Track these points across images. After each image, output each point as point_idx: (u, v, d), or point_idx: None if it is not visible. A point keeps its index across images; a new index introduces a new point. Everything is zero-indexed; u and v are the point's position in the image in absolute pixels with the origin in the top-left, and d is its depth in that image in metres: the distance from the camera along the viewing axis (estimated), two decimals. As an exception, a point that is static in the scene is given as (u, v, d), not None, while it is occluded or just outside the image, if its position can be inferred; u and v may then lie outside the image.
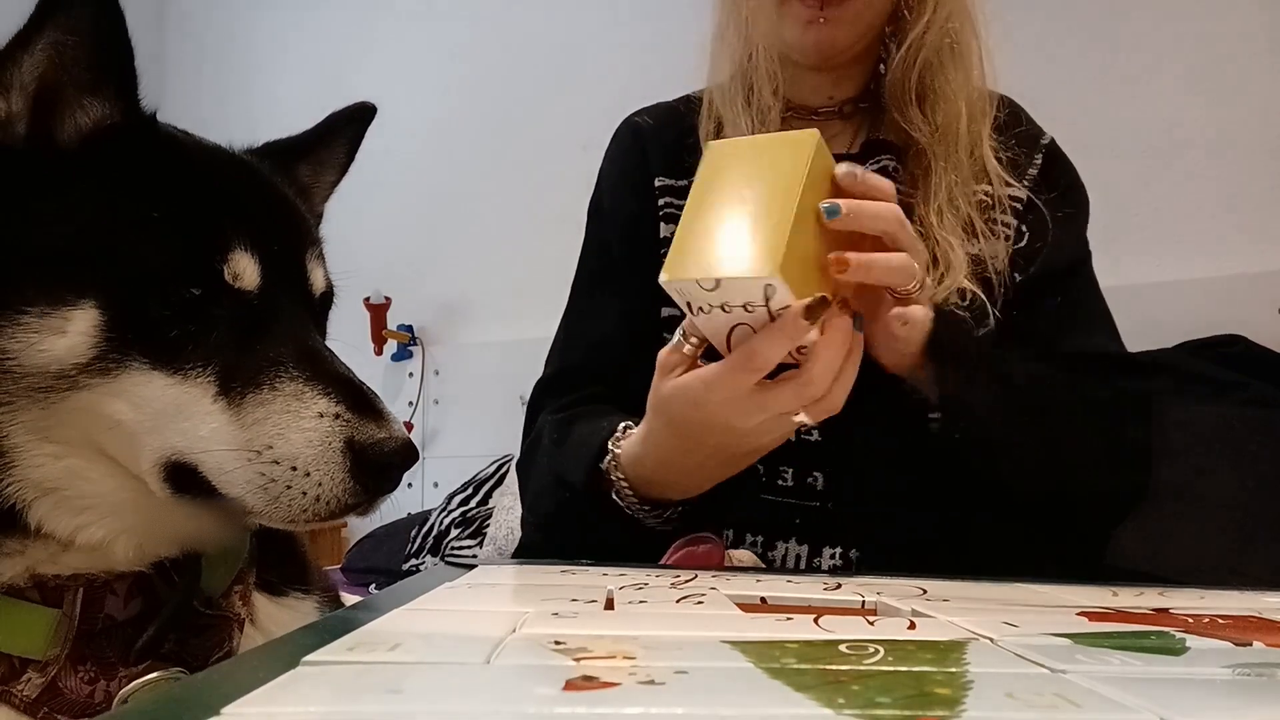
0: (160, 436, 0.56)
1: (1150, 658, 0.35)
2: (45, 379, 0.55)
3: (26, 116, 0.57)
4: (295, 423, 0.56)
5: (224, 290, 0.58)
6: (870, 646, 0.35)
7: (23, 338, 0.54)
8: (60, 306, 0.54)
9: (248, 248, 0.59)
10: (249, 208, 0.63)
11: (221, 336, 0.57)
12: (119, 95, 0.59)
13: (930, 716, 0.24)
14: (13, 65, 0.57)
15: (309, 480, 0.55)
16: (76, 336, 0.54)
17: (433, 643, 0.34)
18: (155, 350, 0.56)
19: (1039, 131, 1.00)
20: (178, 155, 0.63)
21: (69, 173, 0.58)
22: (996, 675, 0.31)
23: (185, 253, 0.57)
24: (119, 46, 0.59)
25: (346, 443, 0.56)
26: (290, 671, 0.28)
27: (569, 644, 0.33)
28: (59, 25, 0.56)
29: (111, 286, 0.55)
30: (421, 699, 0.26)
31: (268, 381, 0.57)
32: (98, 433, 0.56)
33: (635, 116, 1.09)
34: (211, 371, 0.56)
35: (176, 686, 0.27)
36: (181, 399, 0.56)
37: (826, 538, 0.90)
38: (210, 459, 0.55)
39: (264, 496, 0.55)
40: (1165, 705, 0.26)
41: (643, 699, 0.26)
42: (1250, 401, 1.62)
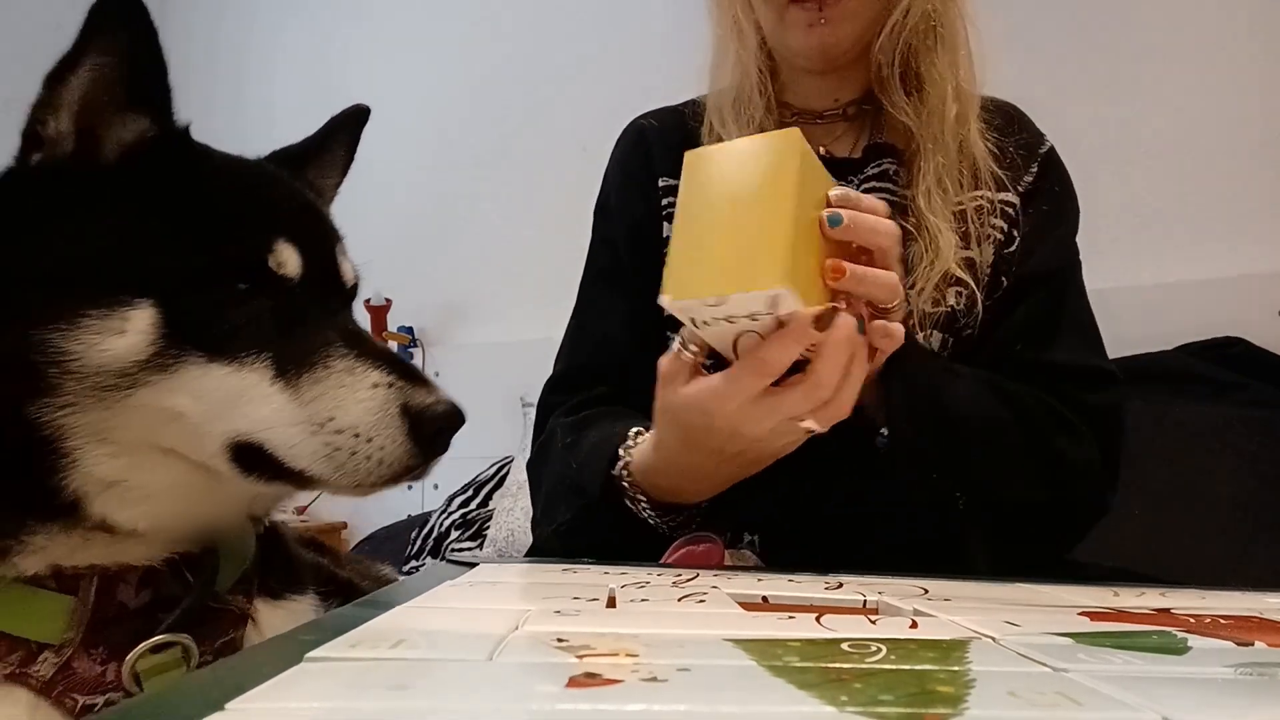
0: (224, 422, 0.59)
1: (1152, 657, 0.35)
2: (108, 378, 0.57)
3: (73, 134, 0.61)
4: (352, 394, 0.60)
5: (270, 279, 0.62)
6: (872, 645, 0.35)
7: (85, 339, 0.57)
8: (118, 308, 0.57)
9: (289, 239, 0.63)
10: (283, 206, 0.68)
11: (271, 324, 0.61)
12: (156, 110, 0.63)
13: (932, 714, 0.24)
14: (60, 86, 0.61)
15: (371, 445, 0.59)
16: (135, 335, 0.57)
17: (436, 640, 0.34)
18: (211, 342, 0.59)
19: (1039, 139, 1.00)
20: (212, 164, 0.67)
21: (115, 184, 0.61)
22: (999, 674, 0.31)
23: (232, 248, 0.61)
24: (155, 65, 0.63)
25: (402, 408, 0.60)
26: (294, 668, 0.28)
27: (572, 641, 0.33)
28: (99, 48, 0.60)
29: (165, 285, 0.58)
30: (425, 695, 0.26)
31: (320, 361, 0.61)
32: (160, 426, 0.59)
33: (641, 119, 1.10)
34: (266, 357, 0.60)
35: (181, 681, 0.27)
36: (241, 385, 0.59)
37: (825, 539, 0.90)
38: (276, 436, 0.59)
39: (331, 464, 0.59)
40: (1167, 704, 0.26)
41: (645, 696, 0.26)
42: (1250, 403, 1.62)
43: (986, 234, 0.93)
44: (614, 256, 1.05)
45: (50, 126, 0.61)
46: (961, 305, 0.91)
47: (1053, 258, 0.95)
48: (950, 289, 0.90)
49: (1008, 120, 0.99)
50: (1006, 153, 0.96)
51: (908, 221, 0.91)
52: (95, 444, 0.58)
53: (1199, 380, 1.71)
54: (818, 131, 1.02)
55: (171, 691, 0.28)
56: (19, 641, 0.57)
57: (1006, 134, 0.97)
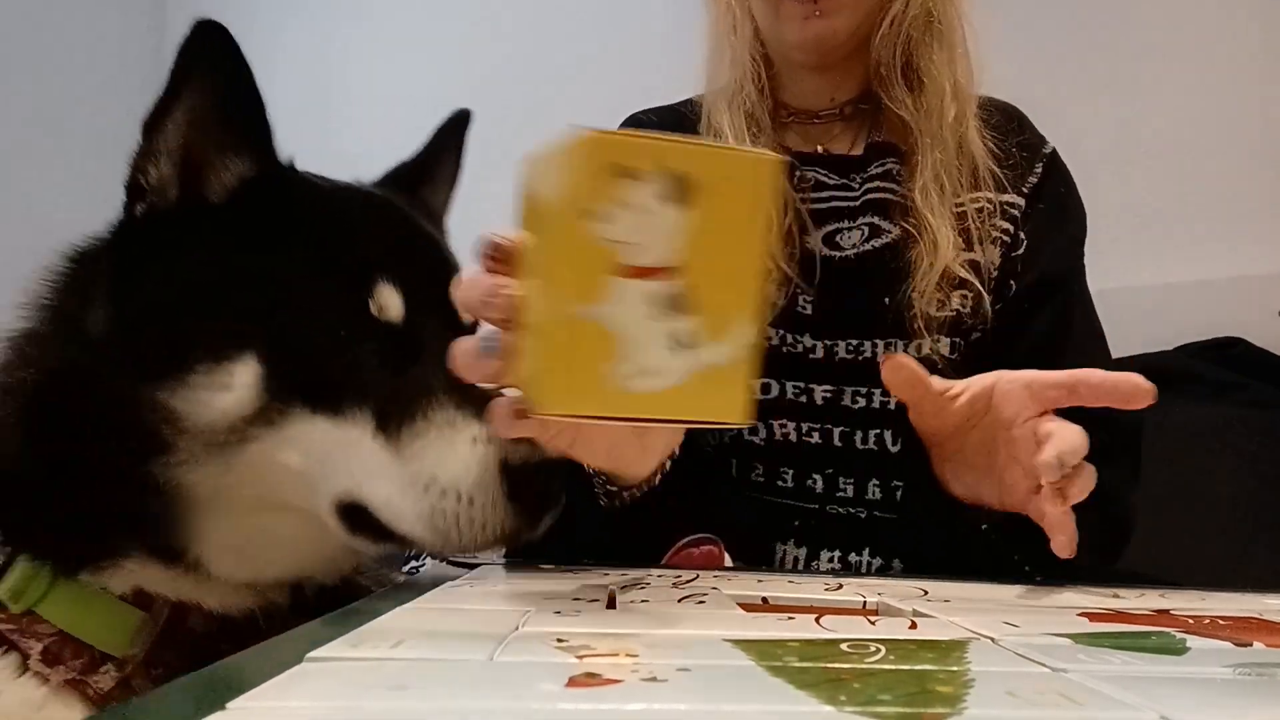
0: (331, 479, 0.57)
1: (1151, 657, 0.35)
2: (218, 434, 0.56)
3: (176, 180, 0.60)
4: (452, 451, 0.56)
5: (372, 325, 0.59)
6: (872, 645, 0.35)
7: (192, 396, 0.56)
8: (223, 362, 0.56)
9: (391, 280, 0.60)
10: (389, 242, 0.64)
11: (374, 372, 0.58)
12: (256, 149, 0.61)
13: (931, 714, 0.24)
14: (158, 133, 0.59)
15: (473, 508, 0.55)
16: (241, 390, 0.56)
17: (436, 640, 0.35)
18: (315, 394, 0.57)
19: (1041, 141, 1.00)
20: (316, 200, 0.65)
21: (218, 230, 0.60)
22: (998, 674, 0.31)
23: (332, 294, 0.59)
24: (251, 102, 0.61)
25: (500, 465, 0.55)
26: (295, 668, 0.28)
27: (571, 642, 0.33)
28: (194, 90, 0.58)
29: (267, 337, 0.57)
30: (425, 695, 0.26)
31: (421, 412, 0.57)
32: (274, 482, 0.58)
33: (639, 114, 1.09)
34: (368, 408, 0.57)
35: (182, 681, 0.28)
36: (344, 439, 0.57)
37: (825, 540, 0.90)
38: (377, 496, 0.56)
39: (433, 529, 0.55)
40: (1166, 704, 0.26)
41: (645, 696, 0.26)
42: (1250, 403, 1.62)
43: (991, 236, 0.92)
44: None
45: (152, 175, 0.60)
46: (967, 309, 0.90)
47: (1061, 263, 0.95)
48: (955, 292, 0.89)
49: (1008, 120, 0.98)
50: (1009, 153, 0.95)
51: (908, 222, 0.91)
52: (212, 502, 0.57)
53: (1199, 380, 1.71)
54: (815, 131, 1.02)
55: (173, 691, 0.28)
56: (84, 647, 0.57)
57: (1007, 134, 0.96)
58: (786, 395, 0.91)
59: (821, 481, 0.91)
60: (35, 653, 0.56)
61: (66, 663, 0.56)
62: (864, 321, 0.91)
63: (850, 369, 0.91)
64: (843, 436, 0.91)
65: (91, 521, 0.57)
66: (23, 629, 0.56)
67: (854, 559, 0.89)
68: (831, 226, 0.95)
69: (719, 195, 0.41)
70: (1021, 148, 0.96)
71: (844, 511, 0.91)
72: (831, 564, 0.89)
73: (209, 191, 0.60)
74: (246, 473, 0.57)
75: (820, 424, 0.91)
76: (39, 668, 0.56)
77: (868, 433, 0.91)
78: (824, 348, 0.91)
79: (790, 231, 0.93)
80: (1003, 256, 0.93)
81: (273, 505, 0.59)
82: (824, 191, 0.96)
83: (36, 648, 0.56)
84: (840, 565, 0.89)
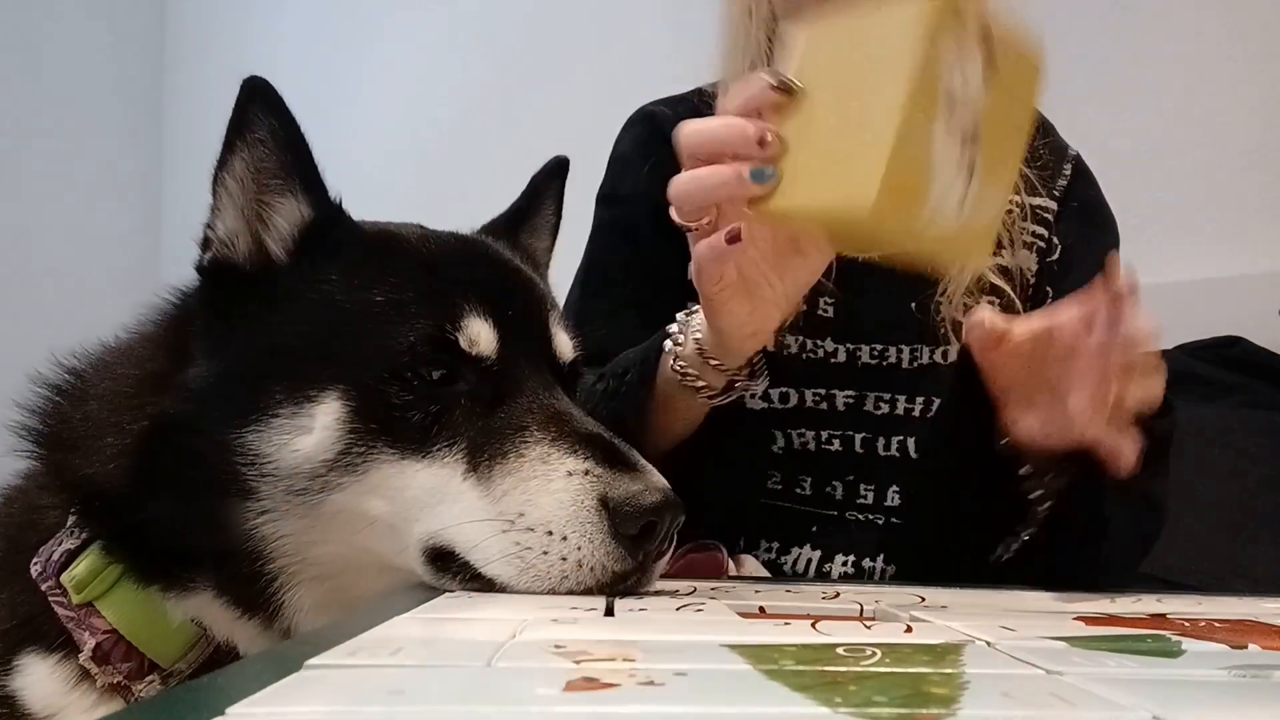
0: (420, 524, 0.56)
1: (1146, 660, 0.35)
2: (300, 480, 0.56)
3: (241, 232, 0.62)
4: (544, 486, 0.54)
5: (462, 359, 0.58)
6: (867, 649, 0.35)
7: (276, 439, 0.56)
8: (304, 403, 0.56)
9: (481, 313, 0.59)
10: (475, 277, 0.63)
11: (465, 411, 0.57)
12: (312, 193, 0.63)
13: (926, 714, 0.25)
14: (221, 188, 0.61)
15: (566, 545, 0.52)
16: (322, 431, 0.55)
17: (434, 647, 0.35)
18: (401, 436, 0.56)
19: (1065, 144, 1.00)
20: (385, 240, 0.65)
21: (290, 274, 0.61)
22: (993, 676, 0.31)
23: (417, 329, 0.57)
24: (302, 147, 0.62)
25: (600, 500, 0.53)
26: (293, 675, 0.28)
27: (569, 647, 0.33)
28: (247, 143, 0.60)
29: (350, 376, 0.56)
30: (424, 700, 0.26)
31: (513, 449, 0.55)
32: (358, 531, 0.57)
33: (649, 106, 1.08)
34: (459, 449, 0.56)
35: (181, 688, 0.28)
36: (433, 483, 0.55)
37: (840, 545, 0.90)
38: (462, 536, 0.54)
39: (517, 566, 0.53)
40: (1160, 704, 0.27)
41: (642, 699, 0.26)
42: (1250, 403, 1.62)
43: (1025, 240, 0.92)
44: (628, 245, 1.01)
45: (220, 228, 0.62)
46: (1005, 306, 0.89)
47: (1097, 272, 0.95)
48: (985, 298, 0.89)
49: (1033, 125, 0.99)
50: (1037, 155, 0.95)
51: None
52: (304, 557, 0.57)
53: (1199, 380, 1.70)
54: None
55: (172, 696, 0.29)
56: (134, 651, 0.57)
57: (1033, 138, 0.96)
58: (806, 403, 0.91)
59: (842, 489, 0.91)
60: (87, 648, 0.56)
61: (115, 664, 0.57)
62: (888, 326, 0.90)
63: (874, 374, 0.90)
64: (864, 443, 0.91)
65: (178, 550, 0.58)
66: (80, 620, 0.57)
67: (868, 564, 0.89)
68: None
69: (1011, 72, 0.52)
70: (1049, 150, 0.96)
71: (862, 518, 0.90)
72: (845, 568, 0.89)
73: (273, 238, 0.62)
74: (329, 527, 0.56)
75: (841, 430, 0.91)
76: (88, 664, 0.56)
77: (890, 439, 0.90)
78: (846, 352, 0.91)
79: None
80: (1039, 262, 0.93)
81: (354, 565, 0.58)
82: None
83: (90, 643, 0.56)
84: (853, 570, 0.89)
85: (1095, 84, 2.18)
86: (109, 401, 0.62)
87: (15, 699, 0.57)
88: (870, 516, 0.90)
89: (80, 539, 0.59)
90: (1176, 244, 2.04)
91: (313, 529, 0.56)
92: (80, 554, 0.58)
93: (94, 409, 0.62)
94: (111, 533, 0.59)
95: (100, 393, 0.63)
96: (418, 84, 3.23)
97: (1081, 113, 2.02)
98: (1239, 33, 2.07)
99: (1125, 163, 2.07)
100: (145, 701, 0.51)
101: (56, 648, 0.58)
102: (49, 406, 0.64)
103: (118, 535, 0.58)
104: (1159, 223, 2.05)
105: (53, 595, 0.58)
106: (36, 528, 0.62)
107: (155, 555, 0.58)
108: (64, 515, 0.61)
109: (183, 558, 0.58)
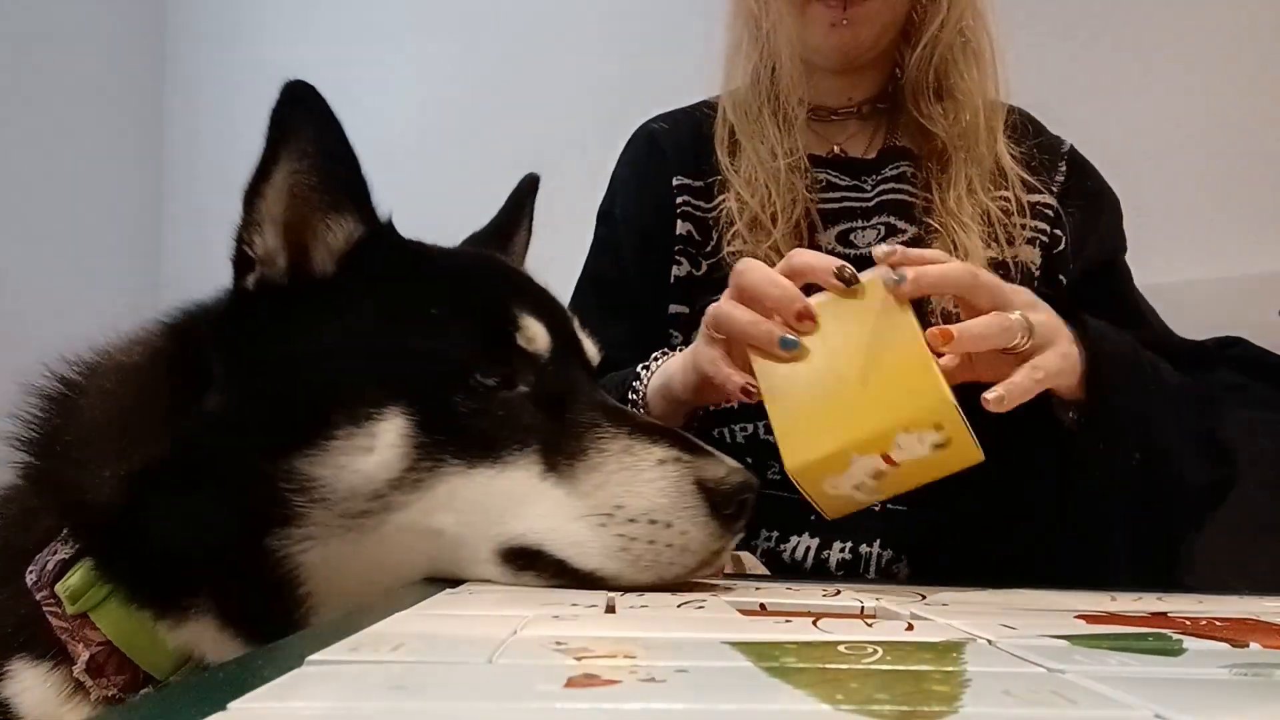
0: (493, 529, 0.55)
1: (1148, 658, 0.35)
2: (358, 502, 0.54)
3: (284, 249, 0.58)
4: (638, 476, 0.54)
5: (522, 359, 0.58)
6: (869, 647, 0.35)
7: (332, 462, 0.53)
8: (364, 423, 0.54)
9: (532, 313, 0.59)
10: (515, 283, 0.64)
11: (531, 413, 0.56)
12: (358, 208, 0.60)
13: (928, 712, 0.25)
14: (259, 200, 0.57)
15: (672, 531, 0.53)
16: (386, 450, 0.54)
17: (435, 644, 0.35)
18: (469, 445, 0.55)
19: (1058, 140, 1.02)
20: (428, 255, 0.64)
21: (337, 292, 0.58)
22: (994, 674, 0.31)
23: (478, 333, 0.57)
24: (348, 159, 0.59)
25: (697, 483, 0.54)
26: (294, 671, 0.28)
27: (570, 644, 0.33)
28: (290, 154, 0.56)
29: (412, 389, 0.55)
30: (425, 695, 0.26)
31: (591, 445, 0.56)
32: (417, 549, 0.55)
33: (651, 123, 1.11)
34: (531, 450, 0.55)
35: (182, 684, 0.28)
36: (509, 487, 0.55)
37: (838, 533, 0.91)
38: (557, 536, 0.54)
39: (625, 559, 0.53)
40: (1161, 702, 0.27)
41: (643, 695, 0.26)
42: (1250, 403, 1.62)
43: (1027, 236, 0.94)
44: (616, 267, 1.05)
45: (259, 246, 0.58)
46: None
47: (1108, 244, 0.98)
48: None
49: (1022, 122, 1.01)
50: (1031, 154, 0.97)
51: (928, 223, 0.93)
52: (329, 582, 0.55)
53: (1199, 380, 1.70)
54: (831, 129, 1.03)
55: (173, 692, 0.29)
56: (128, 663, 0.55)
57: (1024, 136, 0.99)
58: None
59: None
60: (81, 660, 0.55)
61: (110, 676, 0.55)
62: None
63: None
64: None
65: (180, 579, 0.55)
66: (74, 631, 0.55)
67: (864, 550, 0.90)
68: (844, 226, 0.97)
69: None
70: (1042, 149, 0.99)
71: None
72: (842, 554, 0.91)
73: (319, 256, 0.59)
74: (383, 548, 0.54)
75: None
76: (82, 677, 0.55)
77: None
78: None
79: (799, 228, 0.94)
80: (1042, 256, 0.95)
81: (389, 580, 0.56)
82: (835, 192, 0.98)
83: (84, 655, 0.55)
84: (850, 556, 0.90)
85: (1096, 84, 2.18)
86: (108, 428, 0.59)
87: (8, 706, 0.56)
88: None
89: (75, 549, 0.58)
90: (1177, 244, 2.04)
91: (361, 553, 0.54)
92: (75, 563, 0.57)
93: (91, 432, 0.59)
94: (104, 556, 0.56)
95: (98, 419, 0.60)
96: (418, 85, 3.23)
97: (1083, 112, 2.02)
98: (1240, 33, 2.07)
99: (1125, 163, 2.06)
100: (148, 697, 0.51)
101: (48, 657, 0.56)
102: (42, 417, 0.62)
103: (110, 559, 0.56)
104: (1159, 223, 2.05)
105: (46, 605, 0.56)
106: (31, 532, 0.60)
107: (151, 582, 0.56)
108: (57, 525, 0.59)
109: (183, 586, 0.56)
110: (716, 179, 1.00)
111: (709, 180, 1.01)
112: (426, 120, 3.17)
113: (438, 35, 3.33)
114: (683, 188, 1.02)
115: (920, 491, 0.88)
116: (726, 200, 0.97)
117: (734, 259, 0.94)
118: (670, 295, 1.00)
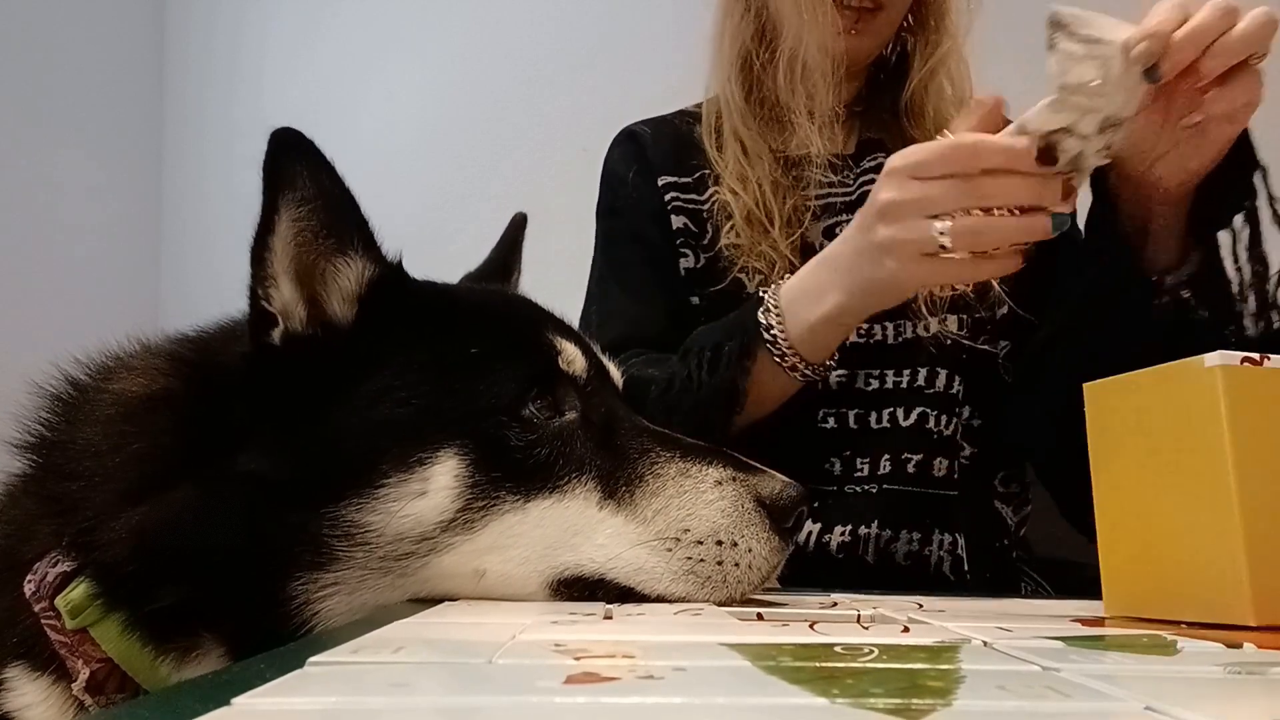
0: (548, 561, 0.54)
1: (1142, 657, 0.35)
2: (405, 545, 0.53)
3: (300, 300, 0.57)
4: (699, 498, 0.55)
5: (565, 383, 0.58)
6: (865, 648, 0.35)
7: (382, 509, 0.53)
8: (415, 468, 0.53)
9: (566, 337, 0.60)
10: (540, 313, 0.64)
11: (582, 440, 0.56)
12: (366, 247, 0.59)
13: (922, 705, 0.25)
14: (267, 254, 0.56)
15: (737, 550, 0.54)
16: (439, 493, 0.53)
17: (436, 646, 0.35)
18: (526, 478, 0.54)
19: None
20: (446, 292, 0.64)
21: (364, 340, 0.57)
22: (989, 672, 0.31)
23: (521, 365, 0.57)
24: (347, 200, 0.58)
25: (756, 500, 0.55)
26: (296, 671, 0.29)
27: (569, 646, 0.34)
28: (289, 201, 0.55)
29: (464, 429, 0.54)
30: (425, 693, 0.26)
31: (648, 470, 0.56)
32: (452, 590, 0.55)
33: (632, 126, 1.13)
34: (588, 478, 0.55)
35: (186, 682, 0.28)
36: (566, 517, 0.55)
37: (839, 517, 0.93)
38: (620, 563, 0.54)
39: (693, 581, 0.53)
40: (1154, 696, 0.27)
41: (642, 691, 0.26)
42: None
43: None
44: (639, 245, 1.06)
45: (275, 300, 0.56)
46: (973, 290, 0.94)
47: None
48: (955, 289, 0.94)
49: None
50: None
51: None
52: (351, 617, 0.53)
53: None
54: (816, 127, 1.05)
55: (178, 690, 0.29)
56: (128, 680, 0.55)
57: None
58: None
59: (839, 464, 0.94)
60: (81, 678, 0.54)
61: (109, 694, 0.54)
62: None
63: (862, 352, 0.95)
64: (858, 419, 0.95)
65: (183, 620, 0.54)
66: (73, 647, 0.55)
67: (864, 531, 0.92)
68: (830, 220, 0.99)
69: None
70: None
71: (858, 489, 0.94)
72: (843, 536, 0.92)
73: (336, 301, 0.58)
74: (422, 589, 0.54)
75: (835, 409, 0.95)
76: (80, 694, 0.54)
77: (881, 412, 0.95)
78: None
79: (789, 222, 0.97)
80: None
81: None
82: (820, 188, 1.00)
83: (84, 673, 0.54)
84: (850, 538, 0.92)
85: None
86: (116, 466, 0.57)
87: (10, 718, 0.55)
88: (865, 487, 0.94)
89: (75, 563, 0.56)
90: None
91: (392, 596, 0.53)
92: (76, 576, 0.55)
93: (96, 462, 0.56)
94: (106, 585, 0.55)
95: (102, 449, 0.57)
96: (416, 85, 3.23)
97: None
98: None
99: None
100: (152, 695, 0.50)
101: (46, 668, 0.55)
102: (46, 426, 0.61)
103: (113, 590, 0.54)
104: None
105: (46, 618, 0.55)
106: (31, 540, 0.59)
107: (155, 620, 0.54)
108: (57, 535, 0.57)
109: (188, 627, 0.54)
110: (703, 173, 1.03)
111: (696, 175, 1.04)
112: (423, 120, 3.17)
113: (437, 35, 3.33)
114: (669, 185, 1.05)
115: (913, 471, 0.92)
116: (719, 193, 1.00)
117: (731, 251, 0.97)
118: (690, 284, 1.02)
